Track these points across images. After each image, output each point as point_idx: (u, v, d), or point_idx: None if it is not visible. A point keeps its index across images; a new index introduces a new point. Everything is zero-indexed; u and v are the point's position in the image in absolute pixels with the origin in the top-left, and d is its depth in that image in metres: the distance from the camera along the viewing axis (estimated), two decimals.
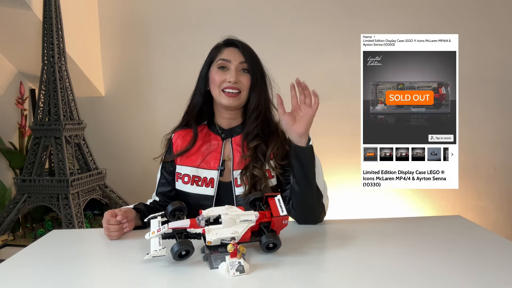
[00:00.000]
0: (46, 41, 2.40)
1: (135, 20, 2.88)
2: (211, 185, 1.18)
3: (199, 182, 1.19)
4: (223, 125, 1.25)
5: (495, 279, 0.79)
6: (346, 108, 2.74)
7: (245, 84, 1.19)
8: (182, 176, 1.21)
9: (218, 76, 1.19)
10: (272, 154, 1.20)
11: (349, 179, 2.65)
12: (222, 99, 1.18)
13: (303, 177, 1.10)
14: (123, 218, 1.05)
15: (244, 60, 1.19)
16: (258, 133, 1.21)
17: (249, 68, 1.20)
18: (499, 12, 2.58)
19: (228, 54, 1.20)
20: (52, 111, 2.42)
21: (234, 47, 1.22)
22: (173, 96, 2.81)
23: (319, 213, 1.14)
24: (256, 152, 1.19)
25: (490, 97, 2.64)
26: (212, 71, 1.22)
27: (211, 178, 1.19)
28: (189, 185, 1.20)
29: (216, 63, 1.21)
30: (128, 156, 2.93)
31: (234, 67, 1.18)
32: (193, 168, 1.20)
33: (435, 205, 2.71)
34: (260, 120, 1.22)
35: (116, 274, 0.87)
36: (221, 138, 1.24)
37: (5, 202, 2.59)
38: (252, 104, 1.21)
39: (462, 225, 1.16)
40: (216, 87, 1.19)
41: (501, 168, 2.68)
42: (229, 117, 1.24)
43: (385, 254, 0.92)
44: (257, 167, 1.17)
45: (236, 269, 0.80)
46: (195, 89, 1.27)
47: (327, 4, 2.69)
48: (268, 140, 1.21)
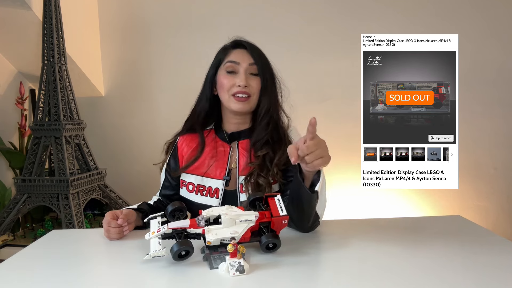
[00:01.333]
0: (46, 41, 2.40)
1: (135, 20, 2.88)
2: (216, 196, 1.14)
3: (203, 192, 1.15)
4: (231, 131, 1.19)
5: (495, 279, 0.79)
6: (346, 108, 2.75)
7: (255, 88, 1.13)
8: (186, 184, 1.18)
9: (227, 80, 1.12)
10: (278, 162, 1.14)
11: (349, 179, 2.65)
12: (232, 104, 1.12)
13: (299, 211, 1.00)
14: (124, 222, 1.03)
15: (254, 62, 1.13)
16: (268, 140, 1.15)
17: (259, 70, 1.14)
18: (499, 12, 2.58)
19: (236, 56, 1.14)
20: (52, 111, 2.42)
21: (242, 48, 1.16)
22: (173, 96, 2.81)
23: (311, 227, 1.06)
24: (264, 160, 1.13)
25: (490, 97, 2.64)
26: (220, 75, 1.16)
27: (216, 188, 1.14)
28: (193, 194, 1.16)
29: (224, 66, 1.15)
30: (128, 156, 2.93)
31: (243, 69, 1.12)
32: (198, 176, 1.16)
33: (435, 205, 2.71)
34: (271, 127, 1.15)
35: (116, 274, 0.87)
36: (228, 144, 1.18)
37: (5, 202, 2.59)
38: (262, 109, 1.15)
39: (462, 225, 1.16)
40: (225, 92, 1.13)
41: (501, 168, 2.68)
42: (237, 122, 1.18)
43: (385, 254, 0.92)
44: (262, 176, 1.11)
45: (236, 269, 0.80)
46: (201, 93, 1.21)
47: (327, 4, 2.69)
48: (275, 148, 1.15)
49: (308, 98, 2.76)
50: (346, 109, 2.74)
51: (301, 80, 2.74)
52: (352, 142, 2.73)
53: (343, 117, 2.74)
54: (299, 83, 2.75)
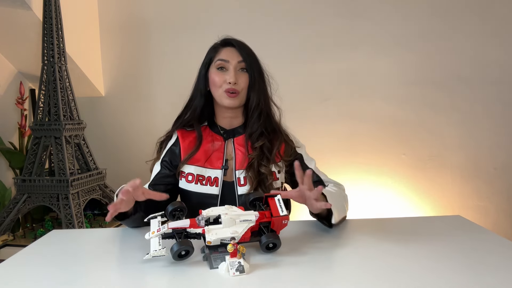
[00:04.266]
0: (46, 41, 2.40)
1: (135, 20, 2.88)
2: (216, 184, 1.19)
3: (203, 181, 1.20)
4: (225, 125, 1.27)
5: (495, 279, 0.79)
6: (346, 108, 2.75)
7: (243, 84, 1.21)
8: (186, 175, 1.21)
9: (218, 77, 1.20)
10: (277, 154, 1.21)
11: (349, 179, 2.65)
12: (223, 99, 1.20)
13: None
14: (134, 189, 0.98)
15: (242, 59, 1.21)
16: (262, 131, 1.23)
17: (247, 67, 1.22)
18: (499, 12, 2.58)
19: (226, 54, 1.22)
20: (52, 111, 2.42)
21: (231, 46, 1.24)
22: (174, 96, 2.80)
23: None
24: (263, 150, 1.20)
25: (490, 97, 2.64)
26: (211, 72, 1.23)
27: (215, 177, 1.20)
28: (193, 184, 1.20)
29: (214, 63, 1.23)
30: (128, 156, 2.93)
31: (232, 67, 1.20)
32: (197, 167, 1.21)
33: (435, 205, 2.71)
34: (263, 118, 1.23)
35: (116, 274, 0.87)
36: (223, 138, 1.25)
37: (5, 202, 2.59)
38: (252, 103, 1.22)
39: (462, 225, 1.16)
40: (218, 88, 1.21)
41: (501, 168, 2.68)
42: (230, 116, 1.26)
43: (385, 254, 0.92)
44: (263, 165, 1.18)
45: (236, 269, 0.80)
46: (195, 90, 1.28)
47: (327, 4, 2.69)
48: (272, 139, 1.23)
49: (308, 98, 2.76)
50: (346, 109, 2.75)
51: (301, 80, 2.75)
52: (352, 142, 2.76)
53: (343, 117, 2.75)
54: (299, 83, 2.75)
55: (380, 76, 2.70)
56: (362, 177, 2.72)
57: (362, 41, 2.68)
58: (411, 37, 2.65)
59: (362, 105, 2.72)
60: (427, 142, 2.71)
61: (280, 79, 1.32)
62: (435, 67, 2.66)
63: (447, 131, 2.69)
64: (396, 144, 2.72)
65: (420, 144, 2.71)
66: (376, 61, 2.69)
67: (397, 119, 2.71)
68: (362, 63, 2.70)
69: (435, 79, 2.66)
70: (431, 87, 2.67)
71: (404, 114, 2.71)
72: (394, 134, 2.72)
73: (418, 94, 2.68)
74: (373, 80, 2.71)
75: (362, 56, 2.70)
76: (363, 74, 2.71)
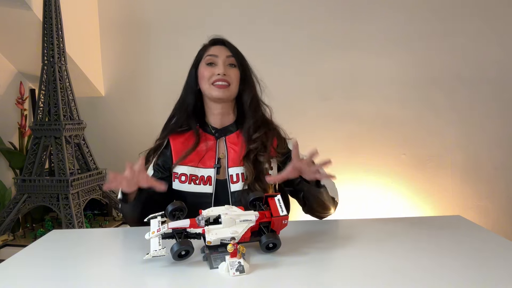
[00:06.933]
0: (46, 41, 2.40)
1: (135, 20, 2.88)
2: (209, 183, 1.19)
3: (196, 181, 1.20)
4: (216, 123, 1.26)
5: (495, 279, 0.79)
6: (346, 108, 2.75)
7: (233, 77, 1.21)
8: (179, 175, 1.22)
9: (207, 71, 1.22)
10: (272, 148, 1.22)
11: (349, 179, 2.65)
12: (212, 91, 1.20)
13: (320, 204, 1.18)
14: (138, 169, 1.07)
15: (231, 55, 1.23)
16: (259, 125, 1.24)
17: (237, 62, 1.23)
18: (499, 12, 2.58)
19: (214, 50, 1.24)
20: (52, 111, 2.41)
21: (220, 44, 1.26)
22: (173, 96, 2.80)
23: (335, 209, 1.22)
24: (261, 141, 1.21)
25: (490, 97, 2.64)
26: (200, 68, 1.25)
27: (208, 176, 1.20)
28: (186, 184, 1.20)
29: (204, 59, 1.24)
30: (128, 156, 2.92)
31: (221, 61, 1.21)
32: (190, 167, 1.21)
33: (435, 205, 2.71)
34: (259, 111, 1.25)
35: (116, 274, 0.87)
36: (215, 137, 1.25)
37: (5, 202, 2.59)
38: (247, 97, 1.24)
39: (462, 225, 1.16)
40: (206, 82, 1.21)
41: (501, 168, 2.68)
42: (220, 112, 1.25)
43: (385, 254, 0.92)
44: (261, 154, 1.19)
45: (236, 269, 0.80)
46: (185, 89, 1.29)
47: (327, 3, 2.69)
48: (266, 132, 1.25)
49: (308, 98, 2.76)
50: (346, 109, 2.75)
51: (301, 80, 2.74)
52: (352, 142, 2.76)
53: (343, 117, 2.74)
54: (299, 83, 2.75)
55: (380, 76, 2.70)
56: (362, 177, 2.72)
57: (362, 41, 2.68)
58: (411, 37, 2.65)
59: (362, 105, 2.72)
60: (427, 142, 2.71)
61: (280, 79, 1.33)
62: (435, 67, 2.66)
63: (447, 131, 2.69)
64: (396, 144, 2.72)
65: (420, 144, 2.71)
66: (376, 61, 2.69)
67: (397, 119, 2.71)
68: (362, 63, 2.70)
69: (435, 79, 2.66)
70: (431, 87, 2.67)
71: (404, 114, 2.70)
72: (394, 134, 2.71)
73: (418, 94, 2.68)
74: (373, 80, 2.70)
75: (362, 56, 2.70)
76: (363, 74, 2.71)
